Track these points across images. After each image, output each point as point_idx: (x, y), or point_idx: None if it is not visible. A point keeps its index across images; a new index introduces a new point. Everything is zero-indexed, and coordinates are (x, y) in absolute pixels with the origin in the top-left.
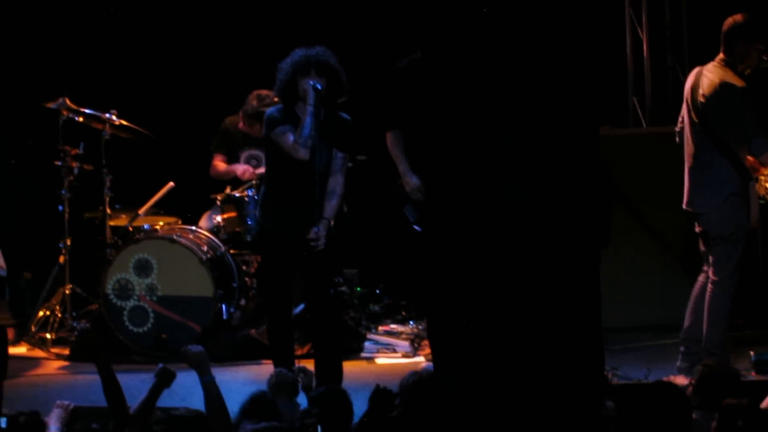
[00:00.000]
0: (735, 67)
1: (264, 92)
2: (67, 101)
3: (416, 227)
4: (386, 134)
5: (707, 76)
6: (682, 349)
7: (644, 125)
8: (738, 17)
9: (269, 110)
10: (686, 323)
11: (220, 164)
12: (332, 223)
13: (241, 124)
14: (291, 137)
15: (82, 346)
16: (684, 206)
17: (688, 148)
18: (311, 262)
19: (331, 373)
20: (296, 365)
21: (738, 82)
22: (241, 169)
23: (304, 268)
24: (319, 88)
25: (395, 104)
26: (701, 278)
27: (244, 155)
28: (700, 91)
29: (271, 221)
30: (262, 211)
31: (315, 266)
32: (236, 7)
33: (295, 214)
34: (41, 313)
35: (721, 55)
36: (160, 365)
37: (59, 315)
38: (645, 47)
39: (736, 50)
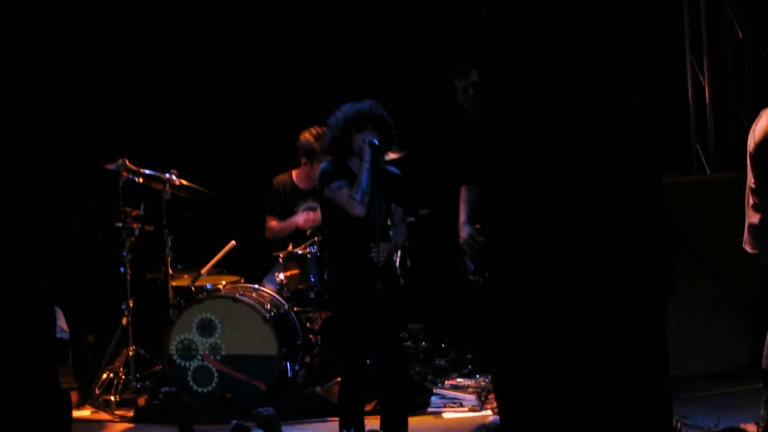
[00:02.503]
0: None
1: (314, 130)
2: (127, 162)
3: (471, 277)
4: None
5: (761, 120)
6: (763, 398)
7: (708, 172)
8: None
9: (322, 165)
10: (763, 368)
11: (274, 224)
12: (398, 267)
13: (295, 174)
14: (346, 193)
15: (166, 408)
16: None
17: (747, 189)
18: (381, 315)
19: (397, 429)
20: (368, 429)
21: None
22: (301, 219)
23: (374, 322)
24: (376, 143)
25: (468, 160)
26: None
27: (301, 209)
28: (754, 136)
29: (340, 282)
30: (329, 272)
31: (385, 320)
32: (294, 67)
33: (360, 269)
34: (105, 376)
35: None
36: (234, 421)
37: (123, 377)
38: (707, 93)
39: None
